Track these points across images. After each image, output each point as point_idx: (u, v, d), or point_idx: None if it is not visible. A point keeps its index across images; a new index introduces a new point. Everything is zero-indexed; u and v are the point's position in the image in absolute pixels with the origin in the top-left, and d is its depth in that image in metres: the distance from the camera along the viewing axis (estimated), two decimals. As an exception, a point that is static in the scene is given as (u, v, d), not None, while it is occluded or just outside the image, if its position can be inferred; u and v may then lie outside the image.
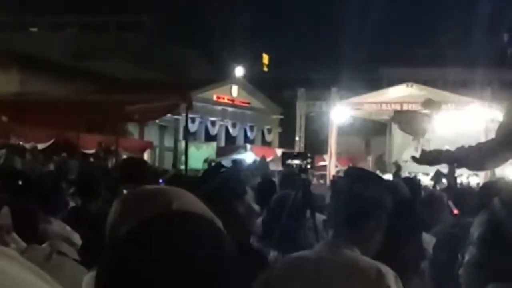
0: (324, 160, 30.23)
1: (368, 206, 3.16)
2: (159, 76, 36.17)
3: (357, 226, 3.15)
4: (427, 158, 5.31)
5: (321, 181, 24.03)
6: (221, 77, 39.84)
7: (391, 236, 3.65)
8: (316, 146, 32.16)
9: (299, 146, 30.81)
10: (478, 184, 19.17)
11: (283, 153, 28.27)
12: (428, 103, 27.67)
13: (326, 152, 30.01)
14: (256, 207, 6.42)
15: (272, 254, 4.59)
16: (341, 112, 29.52)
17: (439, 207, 6.11)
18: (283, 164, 24.74)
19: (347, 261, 3.06)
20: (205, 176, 4.31)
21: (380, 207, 3.21)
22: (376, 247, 3.25)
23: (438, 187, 16.08)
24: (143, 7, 43.35)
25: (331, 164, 28.43)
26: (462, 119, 28.51)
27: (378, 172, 28.95)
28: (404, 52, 38.95)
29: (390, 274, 3.02)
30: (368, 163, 33.07)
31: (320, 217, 4.67)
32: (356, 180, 3.26)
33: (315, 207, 4.66)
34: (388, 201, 3.29)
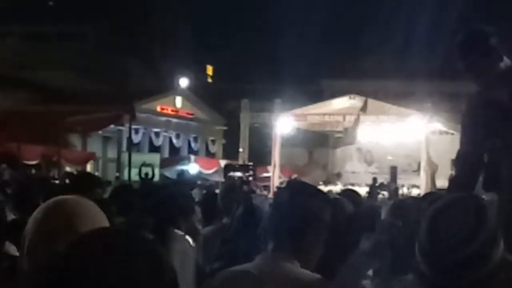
0: (267, 171, 30.35)
1: (308, 219, 3.19)
2: (102, 87, 35.88)
3: (297, 239, 3.17)
4: None
5: (265, 192, 24.08)
6: (165, 88, 39.71)
7: (331, 249, 3.70)
8: (260, 157, 32.27)
9: (243, 157, 30.86)
10: (418, 194, 19.44)
11: (225, 165, 28.30)
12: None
13: (270, 163, 30.12)
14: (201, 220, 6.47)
15: (215, 267, 4.60)
16: (284, 124, 29.67)
17: (375, 218, 6.15)
18: (225, 176, 24.73)
19: (287, 274, 3.07)
20: (151, 190, 4.32)
21: (320, 220, 3.25)
22: (316, 259, 3.28)
23: (380, 197, 16.32)
24: (87, 17, 43.02)
25: (275, 175, 28.52)
26: (403, 130, 28.89)
27: (321, 183, 29.24)
28: (346, 64, 39.30)
29: (329, 287, 3.06)
30: (312, 174, 33.29)
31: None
32: (296, 193, 3.29)
33: (257, 219, 4.69)
34: (328, 214, 3.32)
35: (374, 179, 27.43)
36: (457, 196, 2.39)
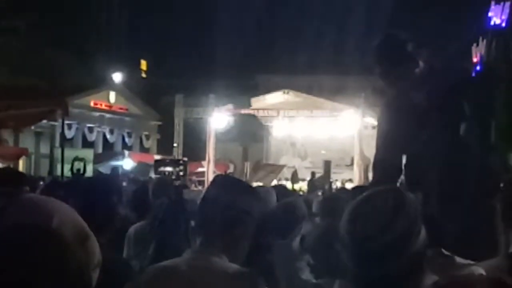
0: (202, 166, 30.32)
1: (236, 213, 3.22)
2: (35, 81, 35.34)
3: (225, 233, 3.21)
4: None
5: (200, 187, 24.07)
6: (99, 83, 39.36)
7: (260, 242, 3.75)
8: (194, 152, 32.22)
9: (177, 153, 30.80)
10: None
11: (156, 161, 28.23)
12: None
13: (204, 158, 30.11)
14: (133, 215, 6.47)
15: (145, 262, 4.62)
16: (219, 119, 29.70)
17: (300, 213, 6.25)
18: (156, 171, 24.64)
19: (215, 268, 3.11)
20: (80, 184, 4.30)
21: (247, 215, 3.29)
22: (244, 253, 3.33)
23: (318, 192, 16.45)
24: (19, 11, 42.33)
25: (209, 170, 28.53)
26: (336, 125, 29.18)
27: (256, 177, 29.35)
28: (280, 60, 39.47)
29: (259, 281, 3.11)
30: (246, 169, 33.39)
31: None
32: (224, 188, 3.32)
33: (188, 214, 4.72)
34: (256, 208, 3.37)
35: (313, 174, 27.66)
36: (377, 189, 2.45)
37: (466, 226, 4.99)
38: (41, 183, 10.64)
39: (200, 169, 30.55)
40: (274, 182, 24.40)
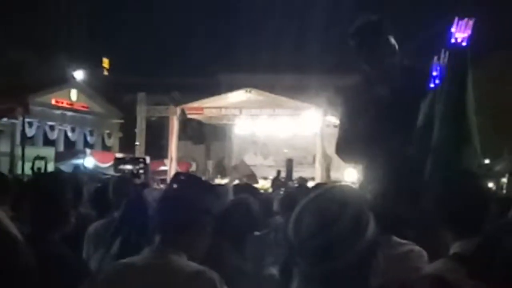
0: (164, 165, 30.27)
1: (194, 211, 3.26)
2: (-5, 79, 35.03)
3: (184, 231, 3.24)
4: None
5: (162, 186, 24.01)
6: (60, 80, 39.04)
7: (220, 240, 3.78)
8: (157, 150, 32.14)
9: (139, 151, 30.69)
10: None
11: (116, 159, 28.04)
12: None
13: (167, 157, 30.06)
14: (93, 213, 6.46)
15: (105, 260, 4.62)
16: (181, 117, 29.65)
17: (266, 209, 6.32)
18: (116, 169, 24.47)
19: (174, 266, 3.15)
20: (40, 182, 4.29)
21: (206, 213, 3.33)
22: (203, 251, 3.36)
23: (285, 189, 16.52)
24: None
25: (172, 169, 28.48)
26: (298, 123, 29.28)
27: (218, 176, 29.37)
28: (243, 58, 39.52)
29: (216, 279, 3.14)
30: (209, 167, 33.40)
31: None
32: (183, 186, 3.36)
33: (148, 212, 4.73)
34: (215, 206, 3.41)
35: (278, 172, 27.78)
36: (326, 186, 2.49)
37: (416, 227, 5.07)
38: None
39: (162, 168, 30.49)
40: (237, 181, 24.41)
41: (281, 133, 30.59)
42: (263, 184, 25.47)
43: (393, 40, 5.38)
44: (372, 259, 2.35)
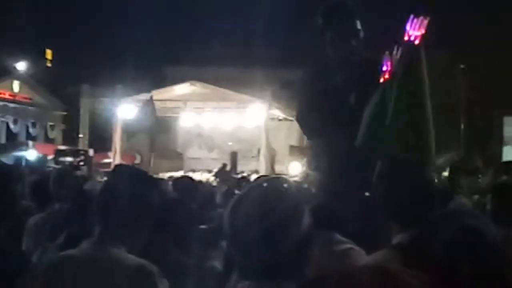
0: (108, 157, 30.03)
1: (134, 204, 3.25)
2: None
3: (123, 224, 3.23)
4: None
5: (105, 178, 23.81)
6: (2, 72, 38.44)
7: (160, 234, 3.78)
8: (101, 143, 31.84)
9: (83, 143, 30.42)
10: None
11: (56, 151, 27.70)
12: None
13: (111, 149, 29.85)
14: (33, 205, 6.40)
15: (45, 252, 4.59)
16: (126, 109, 29.47)
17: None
18: (56, 161, 24.14)
19: (113, 259, 3.14)
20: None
21: (146, 205, 3.32)
22: (143, 243, 3.35)
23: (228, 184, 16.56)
24: None
25: (116, 162, 28.27)
26: (243, 116, 29.33)
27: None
28: (188, 51, 39.40)
29: (155, 272, 3.14)
30: (153, 160, 33.20)
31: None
32: (123, 178, 3.34)
33: (88, 204, 4.71)
34: (155, 198, 3.40)
35: (224, 165, 27.79)
36: (261, 179, 2.52)
37: (357, 216, 5.12)
38: None
39: (106, 160, 30.24)
40: (181, 173, 24.36)
41: (226, 126, 30.60)
42: (208, 177, 25.46)
43: (359, 26, 5.43)
44: (307, 251, 2.39)
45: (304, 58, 5.81)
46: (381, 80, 5.28)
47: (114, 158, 28.95)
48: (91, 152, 27.27)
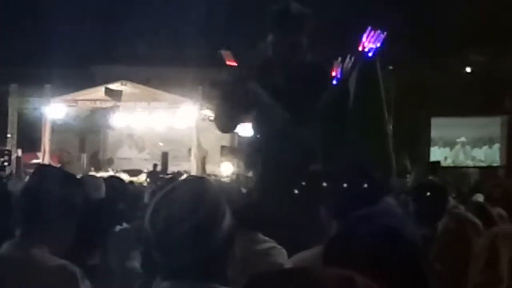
0: (37, 158, 29.63)
1: (56, 204, 3.22)
2: None
3: (44, 224, 3.19)
4: None
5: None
6: None
7: (83, 234, 3.75)
8: (30, 143, 31.36)
9: (11, 143, 29.93)
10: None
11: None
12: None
13: (40, 150, 29.45)
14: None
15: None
16: (55, 109, 29.12)
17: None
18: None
19: (34, 260, 3.10)
20: None
21: (69, 205, 3.29)
22: (67, 244, 3.32)
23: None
24: None
25: (45, 162, 27.89)
26: (174, 117, 29.23)
27: (92, 169, 28.95)
28: (118, 51, 39.08)
29: (77, 273, 3.11)
30: (83, 160, 32.86)
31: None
32: (44, 178, 3.30)
33: (11, 204, 4.63)
34: (78, 198, 3.37)
35: (155, 165, 27.70)
36: (183, 179, 2.52)
37: (291, 215, 5.15)
38: None
39: (35, 161, 29.81)
40: (111, 173, 24.16)
41: (156, 126, 30.45)
42: (138, 178, 25.34)
43: (305, 31, 5.43)
44: (228, 250, 2.39)
45: (235, 58, 5.78)
46: (327, 85, 5.34)
47: (43, 158, 28.55)
48: (19, 152, 26.84)
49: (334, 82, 5.46)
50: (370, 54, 5.08)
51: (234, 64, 5.43)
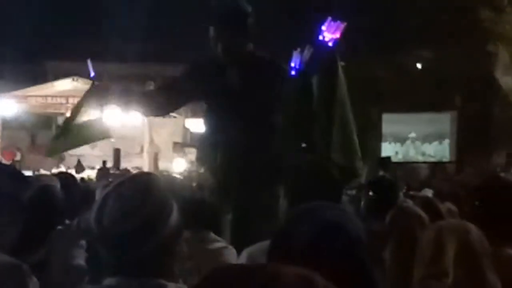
0: (-12, 155, 29.31)
1: (2, 201, 3.19)
2: None
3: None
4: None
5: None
6: None
7: (29, 231, 3.71)
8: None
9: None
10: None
11: None
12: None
13: (-10, 147, 29.12)
14: None
15: None
16: (5, 105, 28.75)
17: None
18: None
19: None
20: None
21: (14, 201, 3.26)
22: (13, 239, 3.28)
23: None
24: None
25: (-5, 159, 27.58)
26: (127, 113, 28.97)
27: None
28: (69, 46, 38.71)
29: (25, 270, 3.08)
30: (34, 157, 32.51)
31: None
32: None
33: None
34: (24, 193, 3.34)
35: (104, 162, 27.51)
36: (129, 175, 2.52)
37: (246, 213, 5.16)
38: None
39: (-15, 158, 29.48)
40: (61, 169, 23.94)
41: (108, 122, 30.20)
42: (89, 174, 25.15)
43: (252, 29, 5.45)
44: (175, 246, 2.40)
45: (187, 54, 5.80)
46: (291, 73, 5.35)
47: (-7, 155, 28.23)
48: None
49: (293, 72, 5.49)
50: (330, 44, 5.12)
51: None
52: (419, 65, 31.90)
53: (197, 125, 22.93)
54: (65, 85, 29.35)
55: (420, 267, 3.42)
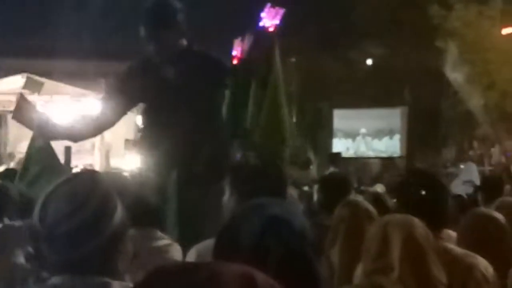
0: None
1: None
2: None
3: None
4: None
5: None
6: None
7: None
8: None
9: None
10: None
11: None
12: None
13: None
14: None
15: None
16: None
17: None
18: None
19: None
20: None
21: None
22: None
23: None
24: None
25: None
26: (77, 109, 28.74)
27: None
28: (19, 42, 38.27)
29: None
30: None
31: None
32: None
33: None
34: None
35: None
36: (73, 173, 2.52)
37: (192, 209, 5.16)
38: None
39: None
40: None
41: (59, 119, 29.92)
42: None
43: (184, 25, 5.44)
44: (120, 244, 2.39)
45: (137, 50, 5.78)
46: (233, 63, 5.36)
47: None
48: None
49: (235, 62, 5.50)
50: (271, 30, 5.15)
51: None
52: (369, 61, 32.16)
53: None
54: (14, 82, 28.96)
55: (366, 261, 3.45)
